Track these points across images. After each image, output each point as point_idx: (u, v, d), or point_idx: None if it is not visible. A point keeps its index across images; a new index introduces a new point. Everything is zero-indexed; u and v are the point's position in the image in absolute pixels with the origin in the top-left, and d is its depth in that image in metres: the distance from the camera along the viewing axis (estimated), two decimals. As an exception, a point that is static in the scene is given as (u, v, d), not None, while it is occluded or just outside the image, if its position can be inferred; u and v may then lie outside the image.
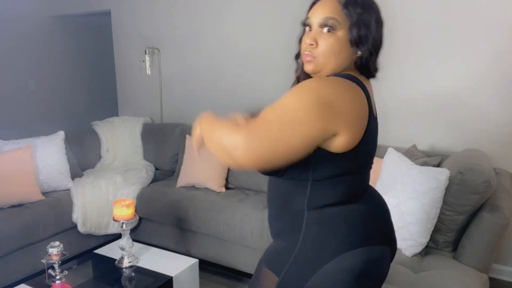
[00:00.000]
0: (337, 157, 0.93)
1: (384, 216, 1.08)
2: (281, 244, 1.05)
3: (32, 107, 4.50)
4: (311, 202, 0.98)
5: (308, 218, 0.99)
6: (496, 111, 2.42)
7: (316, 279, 0.95)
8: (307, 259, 0.97)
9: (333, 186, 0.98)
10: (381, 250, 0.99)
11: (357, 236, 0.97)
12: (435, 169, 1.92)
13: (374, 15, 0.96)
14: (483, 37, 2.40)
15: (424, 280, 1.69)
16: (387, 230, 1.06)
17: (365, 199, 1.04)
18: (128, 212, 2.01)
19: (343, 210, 0.98)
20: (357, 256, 0.94)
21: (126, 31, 4.01)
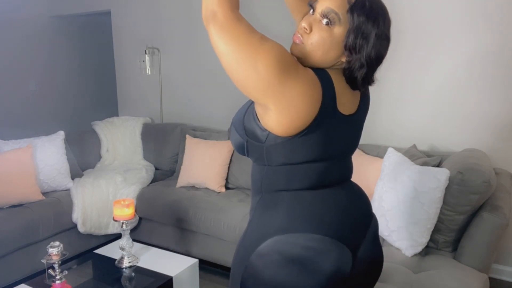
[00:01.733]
0: (287, 145, 0.95)
1: (344, 213, 1.02)
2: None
3: (32, 107, 4.50)
4: (265, 186, 1.04)
5: (259, 201, 1.05)
6: (496, 111, 2.42)
7: (253, 258, 0.98)
8: (250, 239, 1.02)
9: (290, 173, 1.00)
10: (329, 243, 0.96)
11: (297, 222, 0.97)
12: (435, 169, 1.92)
13: (377, 30, 0.93)
14: (483, 37, 2.40)
15: (424, 280, 1.69)
16: (346, 230, 1.00)
17: (327, 193, 1.02)
18: (128, 212, 2.01)
19: (294, 196, 1.00)
20: (291, 239, 0.95)
21: (126, 31, 4.02)
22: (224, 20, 0.88)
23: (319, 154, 0.99)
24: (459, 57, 2.48)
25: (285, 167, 1.00)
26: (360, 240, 1.05)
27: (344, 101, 1.00)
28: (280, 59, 0.87)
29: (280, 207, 1.00)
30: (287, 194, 1.01)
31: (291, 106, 0.89)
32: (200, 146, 3.04)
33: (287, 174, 1.01)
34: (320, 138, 0.96)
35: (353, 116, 1.04)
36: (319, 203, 1.01)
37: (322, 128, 0.95)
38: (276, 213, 1.00)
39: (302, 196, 1.01)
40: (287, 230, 0.97)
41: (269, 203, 1.03)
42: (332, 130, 0.98)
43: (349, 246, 0.99)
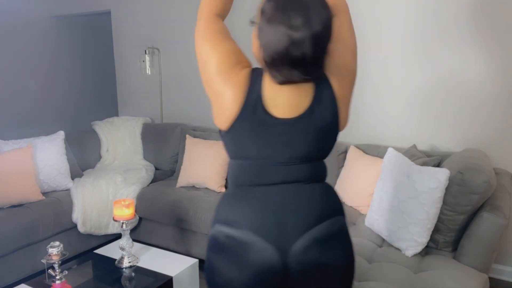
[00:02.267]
0: (224, 139, 1.10)
1: (269, 213, 1.04)
2: None
3: (32, 107, 4.50)
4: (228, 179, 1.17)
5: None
6: (496, 111, 2.42)
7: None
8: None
9: (230, 167, 1.13)
10: (250, 236, 1.03)
11: (222, 215, 1.10)
12: (435, 169, 1.92)
13: (268, 23, 0.94)
14: (482, 38, 2.40)
15: (424, 280, 1.69)
16: (271, 228, 1.03)
17: (257, 191, 1.07)
18: (128, 212, 2.01)
19: (230, 189, 1.14)
20: (220, 229, 1.08)
21: (126, 31, 4.02)
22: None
23: (246, 152, 1.07)
24: (459, 58, 2.48)
25: (229, 161, 1.14)
26: (290, 240, 1.03)
27: (279, 103, 1.01)
28: (210, 73, 1.04)
29: (221, 198, 1.14)
30: (229, 187, 1.16)
31: (217, 103, 1.05)
32: (200, 146, 3.04)
33: (229, 168, 1.14)
34: (244, 137, 1.05)
35: (293, 120, 1.02)
36: (234, 199, 1.10)
37: (245, 127, 1.03)
38: (219, 203, 1.14)
39: (231, 192, 1.12)
40: (219, 220, 1.10)
41: (220, 198, 1.18)
42: (257, 130, 1.03)
43: (274, 243, 1.02)
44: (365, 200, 2.43)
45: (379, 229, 2.07)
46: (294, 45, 0.91)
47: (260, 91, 1.02)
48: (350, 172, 2.58)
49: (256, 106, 1.02)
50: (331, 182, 2.74)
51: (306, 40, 0.90)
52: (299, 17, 0.90)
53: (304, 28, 0.90)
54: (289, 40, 0.91)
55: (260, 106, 1.02)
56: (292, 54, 0.92)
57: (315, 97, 1.02)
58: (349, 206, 2.55)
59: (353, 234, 2.16)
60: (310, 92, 1.03)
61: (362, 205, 2.46)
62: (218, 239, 1.08)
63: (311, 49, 0.92)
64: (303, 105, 1.02)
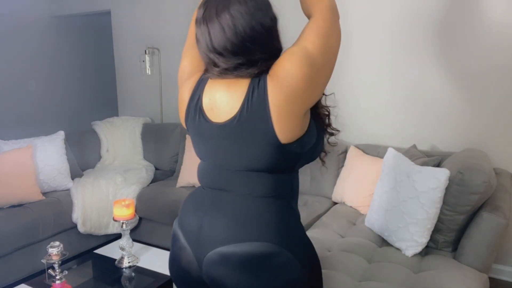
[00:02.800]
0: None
1: (195, 217, 1.07)
2: None
3: (32, 107, 4.50)
4: None
5: None
6: (496, 111, 2.42)
7: None
8: None
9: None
10: (174, 227, 1.15)
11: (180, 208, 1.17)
12: (435, 169, 1.92)
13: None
14: (481, 38, 2.39)
15: (424, 280, 1.69)
16: (191, 233, 1.07)
17: (198, 192, 1.13)
18: (128, 212, 2.01)
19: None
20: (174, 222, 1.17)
21: (126, 31, 4.02)
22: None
23: (196, 151, 1.13)
24: (459, 58, 2.48)
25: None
26: (205, 250, 1.02)
27: (214, 106, 1.02)
28: (179, 73, 1.17)
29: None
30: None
31: (178, 102, 1.14)
32: (200, 146, 3.04)
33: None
34: (191, 137, 1.12)
35: (221, 125, 1.00)
36: (189, 197, 1.15)
37: (190, 128, 1.09)
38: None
39: (194, 189, 1.17)
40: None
41: None
42: (198, 133, 1.07)
43: (192, 247, 1.06)
44: (365, 200, 2.43)
45: (379, 229, 2.07)
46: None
47: (201, 94, 1.05)
48: (350, 172, 2.58)
49: (196, 109, 1.06)
50: (331, 182, 2.74)
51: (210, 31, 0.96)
52: (208, 10, 0.97)
53: (207, 20, 0.96)
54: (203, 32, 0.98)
55: (199, 109, 1.05)
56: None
57: (244, 102, 0.96)
58: (349, 206, 2.55)
59: (353, 234, 2.16)
60: (243, 94, 0.97)
61: (362, 205, 2.46)
62: (172, 231, 1.17)
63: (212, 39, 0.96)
64: (234, 109, 0.98)
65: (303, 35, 0.98)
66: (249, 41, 0.94)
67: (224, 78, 1.00)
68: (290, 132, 0.96)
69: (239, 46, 0.94)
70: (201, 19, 0.98)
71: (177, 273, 1.14)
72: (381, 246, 2.05)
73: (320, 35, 0.96)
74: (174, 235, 1.13)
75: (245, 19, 0.93)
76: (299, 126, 0.97)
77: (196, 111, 1.06)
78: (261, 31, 0.95)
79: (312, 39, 0.96)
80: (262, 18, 0.95)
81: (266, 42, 0.97)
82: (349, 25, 2.72)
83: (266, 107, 0.94)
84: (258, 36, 0.95)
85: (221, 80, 1.01)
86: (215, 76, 1.01)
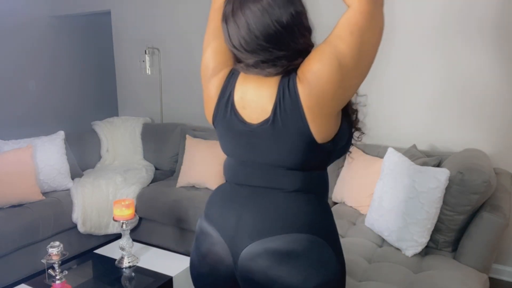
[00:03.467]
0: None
1: (230, 212, 1.05)
2: None
3: (32, 107, 4.50)
4: None
5: None
6: (496, 111, 2.42)
7: None
8: None
9: (224, 161, 1.15)
10: (203, 225, 1.11)
11: (205, 207, 1.14)
12: (435, 169, 1.92)
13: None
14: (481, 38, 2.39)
15: (424, 280, 1.69)
16: (227, 227, 1.05)
17: (231, 188, 1.10)
18: (128, 212, 2.01)
19: (219, 185, 1.16)
20: (199, 220, 1.15)
21: (126, 31, 4.01)
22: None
23: (224, 149, 1.11)
24: (459, 58, 2.48)
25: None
26: (242, 244, 1.00)
27: (246, 104, 1.00)
28: (202, 66, 1.10)
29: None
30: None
31: (204, 96, 1.10)
32: (200, 146, 3.04)
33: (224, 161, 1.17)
34: (222, 135, 1.09)
35: (255, 126, 0.99)
36: (218, 193, 1.13)
37: (221, 126, 1.07)
38: (209, 196, 1.18)
39: (221, 185, 1.15)
40: (204, 211, 1.14)
41: None
42: (228, 130, 1.05)
43: (228, 242, 1.03)
44: (365, 200, 2.43)
45: (379, 229, 2.07)
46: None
47: (232, 90, 1.03)
48: (350, 172, 2.58)
49: (227, 106, 1.03)
50: (331, 182, 2.73)
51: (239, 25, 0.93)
52: (228, 7, 0.96)
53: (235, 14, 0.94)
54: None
55: (231, 107, 1.03)
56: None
57: (277, 103, 0.95)
58: (349, 206, 2.55)
59: (353, 234, 2.16)
60: (273, 95, 0.96)
61: (362, 205, 2.46)
62: (197, 229, 1.14)
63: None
64: (266, 110, 0.97)
65: (335, 30, 0.89)
66: (263, 40, 0.91)
67: (248, 73, 0.99)
68: (326, 132, 0.95)
69: (253, 44, 0.92)
70: (223, 16, 0.98)
71: (206, 272, 1.09)
72: (381, 246, 2.05)
73: (355, 31, 0.86)
74: (203, 232, 1.10)
75: (257, 17, 0.90)
76: (334, 125, 0.96)
77: (227, 108, 1.03)
78: (277, 29, 0.90)
79: (344, 37, 0.87)
80: (279, 15, 0.90)
81: (285, 40, 0.92)
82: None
83: (300, 109, 0.92)
84: (274, 34, 0.91)
85: (251, 77, 0.99)
86: (242, 70, 1.01)
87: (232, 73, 1.05)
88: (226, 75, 1.05)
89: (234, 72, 1.04)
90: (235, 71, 1.04)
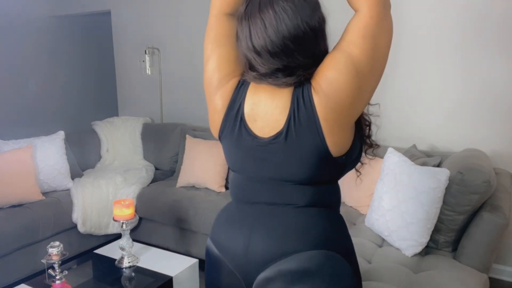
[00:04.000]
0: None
1: (236, 233, 1.00)
2: None
3: (32, 107, 4.50)
4: None
5: None
6: (496, 111, 2.42)
7: None
8: None
9: (230, 177, 1.10)
10: (212, 249, 1.06)
11: (213, 229, 1.09)
12: (435, 169, 1.92)
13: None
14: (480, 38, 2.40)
15: (424, 280, 1.69)
16: (233, 251, 1.00)
17: (236, 207, 1.05)
18: (128, 212, 2.01)
19: (226, 204, 1.11)
20: (208, 241, 1.10)
21: (126, 31, 4.01)
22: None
23: (231, 164, 1.04)
24: (459, 58, 2.48)
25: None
26: (256, 270, 0.95)
27: (257, 117, 0.94)
28: (206, 78, 1.01)
29: (220, 210, 1.13)
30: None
31: (209, 108, 1.02)
32: (200, 146, 3.04)
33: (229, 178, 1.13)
34: (229, 148, 1.02)
35: (267, 140, 0.93)
36: (224, 215, 1.08)
37: (228, 139, 1.00)
38: (217, 215, 1.13)
39: (228, 205, 1.10)
40: (211, 232, 1.09)
41: None
42: (236, 145, 0.99)
43: (240, 273, 0.98)
44: (365, 200, 2.43)
45: (379, 229, 2.07)
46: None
47: (242, 101, 0.96)
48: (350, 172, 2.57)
49: (236, 119, 0.97)
50: (331, 182, 2.74)
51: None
52: (251, 5, 0.91)
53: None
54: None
55: (240, 119, 0.96)
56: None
57: (291, 115, 0.90)
58: (349, 206, 2.55)
59: (353, 234, 2.16)
60: (287, 106, 0.91)
61: (362, 205, 2.46)
62: (206, 251, 1.10)
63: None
64: (279, 122, 0.91)
65: (346, 36, 0.86)
66: (291, 41, 0.86)
67: (260, 83, 0.93)
68: (342, 145, 0.91)
69: (280, 46, 0.86)
70: (243, 14, 0.90)
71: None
72: (381, 246, 2.05)
73: (367, 36, 0.84)
74: (212, 259, 1.05)
75: (289, 16, 0.85)
76: (349, 136, 0.92)
77: (237, 122, 0.96)
78: (306, 31, 0.86)
79: (357, 42, 0.84)
80: (308, 17, 0.86)
81: (310, 45, 0.88)
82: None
83: (316, 121, 0.87)
84: (302, 36, 0.86)
85: (263, 87, 0.93)
86: (253, 80, 0.94)
87: (242, 83, 0.97)
88: (235, 86, 0.97)
89: (244, 82, 0.97)
90: (245, 82, 0.97)
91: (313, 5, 0.88)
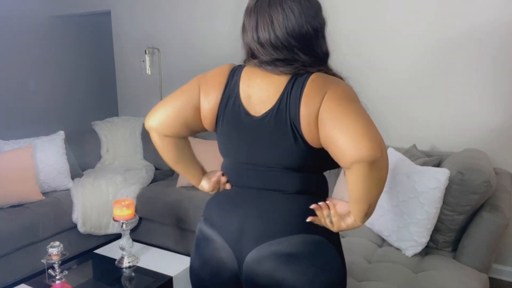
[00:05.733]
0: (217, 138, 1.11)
1: (233, 215, 1.05)
2: None
3: (32, 107, 4.50)
4: None
5: None
6: (496, 111, 2.42)
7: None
8: None
9: (222, 164, 1.16)
10: (204, 229, 1.10)
11: (206, 211, 1.14)
12: (435, 169, 1.92)
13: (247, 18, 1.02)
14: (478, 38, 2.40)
15: (424, 280, 1.69)
16: (230, 231, 1.04)
17: (232, 192, 1.10)
18: (128, 212, 2.01)
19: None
20: (199, 224, 1.14)
21: (126, 31, 4.01)
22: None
23: (224, 149, 1.10)
24: (459, 58, 2.48)
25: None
26: (247, 248, 1.01)
27: (252, 95, 1.00)
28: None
29: (213, 194, 1.17)
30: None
31: (204, 100, 1.07)
32: (200, 146, 3.03)
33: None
34: (221, 131, 1.07)
35: (258, 117, 1.00)
36: (219, 197, 1.12)
37: (223, 125, 1.05)
38: (209, 199, 1.17)
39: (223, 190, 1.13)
40: (203, 215, 1.14)
41: None
42: (230, 125, 1.04)
43: (233, 247, 1.03)
44: (365, 200, 2.42)
45: (379, 229, 2.07)
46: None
47: (235, 88, 1.03)
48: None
49: (233, 103, 1.03)
50: (331, 182, 2.73)
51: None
52: (261, 0, 0.99)
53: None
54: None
55: (235, 98, 1.02)
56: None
57: (284, 93, 0.97)
58: (349, 206, 2.55)
59: (353, 234, 2.16)
60: (282, 87, 0.98)
61: (362, 205, 2.45)
62: (197, 233, 1.14)
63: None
64: (272, 100, 0.98)
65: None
66: (294, 38, 0.95)
67: (260, 69, 1.00)
68: (314, 140, 0.96)
69: (283, 41, 0.95)
70: (253, 8, 0.99)
71: (207, 277, 1.09)
72: (381, 246, 2.05)
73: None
74: (205, 237, 1.09)
75: (295, 16, 0.94)
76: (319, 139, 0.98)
77: (236, 106, 1.02)
78: (308, 30, 0.96)
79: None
80: (312, 18, 0.96)
81: (310, 43, 0.97)
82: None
83: (297, 106, 0.94)
84: (304, 35, 0.96)
85: (260, 70, 1.01)
86: (254, 66, 1.01)
87: (235, 70, 1.05)
88: (225, 80, 1.05)
89: (237, 68, 1.05)
90: (239, 67, 1.05)
91: (317, 8, 0.99)
